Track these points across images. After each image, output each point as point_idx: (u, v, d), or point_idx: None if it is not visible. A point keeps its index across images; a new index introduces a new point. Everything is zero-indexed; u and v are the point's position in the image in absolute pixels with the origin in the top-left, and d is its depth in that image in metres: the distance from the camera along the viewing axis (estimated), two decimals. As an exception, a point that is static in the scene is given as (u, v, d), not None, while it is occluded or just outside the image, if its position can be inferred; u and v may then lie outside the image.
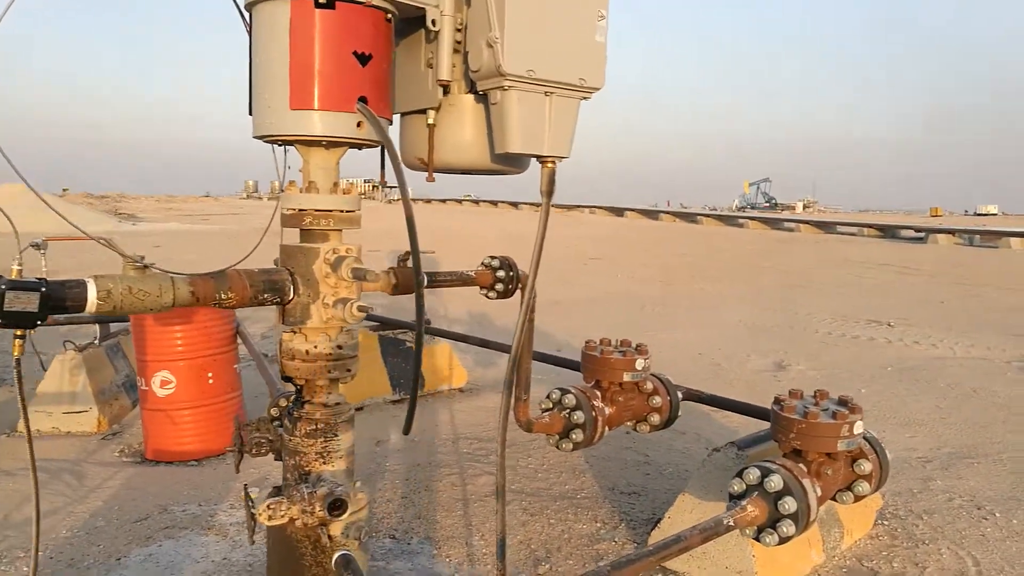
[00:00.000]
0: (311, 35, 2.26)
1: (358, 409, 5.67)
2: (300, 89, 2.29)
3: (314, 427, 2.51)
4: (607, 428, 3.48)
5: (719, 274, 16.35)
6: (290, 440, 2.54)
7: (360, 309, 2.40)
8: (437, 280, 2.85)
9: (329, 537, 2.50)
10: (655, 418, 3.63)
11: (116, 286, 2.10)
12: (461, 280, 2.95)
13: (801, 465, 2.73)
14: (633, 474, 4.53)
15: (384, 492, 4.17)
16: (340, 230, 2.51)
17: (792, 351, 8.30)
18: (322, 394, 2.56)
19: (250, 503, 2.31)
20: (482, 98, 2.53)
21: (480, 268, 3.05)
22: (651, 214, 42.40)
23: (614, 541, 3.63)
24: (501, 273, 3.04)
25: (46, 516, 3.81)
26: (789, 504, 2.55)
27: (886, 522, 3.88)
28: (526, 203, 48.86)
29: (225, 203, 69.40)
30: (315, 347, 2.48)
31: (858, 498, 2.94)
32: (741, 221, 35.45)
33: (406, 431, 2.56)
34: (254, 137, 2.40)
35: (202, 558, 3.38)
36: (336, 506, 2.28)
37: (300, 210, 2.43)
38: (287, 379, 2.56)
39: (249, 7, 2.35)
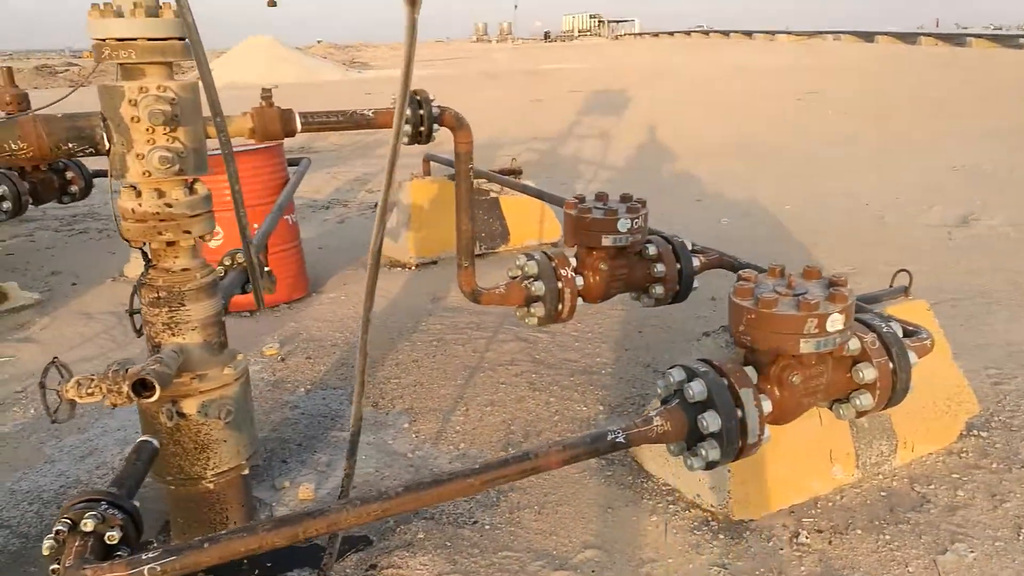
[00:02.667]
0: None
1: (432, 263, 5.43)
2: None
3: (157, 295, 2.24)
4: (584, 300, 2.89)
5: (963, 110, 13.66)
6: (142, 308, 2.31)
7: (162, 160, 2.02)
8: (315, 122, 2.36)
9: (181, 414, 2.29)
10: (658, 289, 2.97)
11: None
12: (352, 122, 2.44)
13: (749, 369, 2.02)
14: (691, 349, 3.88)
15: (400, 354, 3.94)
16: (164, 63, 2.10)
17: (994, 201, 6.71)
18: (167, 259, 2.26)
19: (57, 376, 2.11)
20: None
21: (384, 108, 2.50)
22: (909, 38, 36.57)
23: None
24: (408, 112, 2.47)
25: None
26: (710, 421, 1.90)
27: (984, 434, 2.97)
28: (760, 32, 44.26)
29: (455, 47, 70.59)
30: (140, 205, 2.15)
31: (860, 413, 2.17)
32: None
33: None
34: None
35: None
36: (144, 386, 2.02)
37: (98, 40, 2.04)
38: (127, 241, 2.28)
39: None
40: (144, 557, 1.53)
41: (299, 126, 2.32)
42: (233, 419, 2.36)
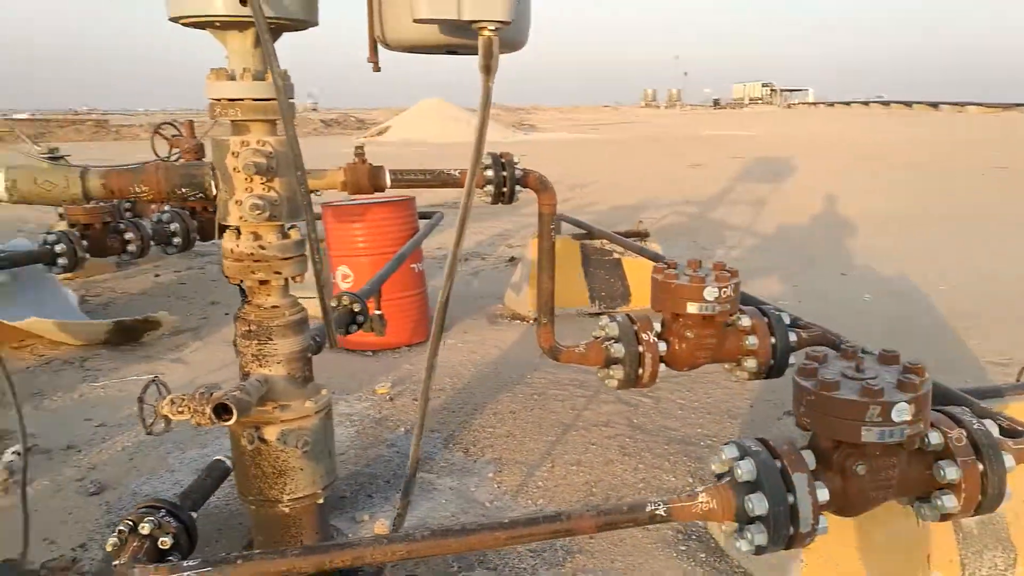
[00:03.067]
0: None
1: (549, 318, 5.47)
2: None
3: (248, 328, 2.43)
4: (668, 366, 2.83)
5: None
6: (237, 339, 2.51)
7: (253, 207, 2.22)
8: (405, 179, 2.50)
9: (262, 440, 2.45)
10: (750, 363, 2.85)
11: (22, 176, 2.23)
12: (439, 180, 2.55)
13: (807, 453, 1.90)
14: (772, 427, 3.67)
15: (500, 404, 3.99)
16: (267, 121, 2.32)
17: None
18: (260, 296, 2.46)
19: (154, 393, 2.33)
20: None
21: (463, 168, 2.60)
22: None
23: (689, 503, 3.00)
24: (490, 173, 2.55)
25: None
26: (757, 503, 1.80)
27: None
28: (948, 103, 41.56)
29: (624, 113, 71.60)
30: (238, 246, 2.37)
31: (944, 516, 1.97)
32: None
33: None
34: (169, 19, 2.28)
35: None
36: (224, 410, 2.18)
37: (213, 100, 2.29)
38: (227, 277, 2.49)
39: None
40: (185, 564, 1.65)
41: (388, 182, 2.47)
42: (311, 449, 2.50)
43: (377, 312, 4.61)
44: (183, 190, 2.34)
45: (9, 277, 5.10)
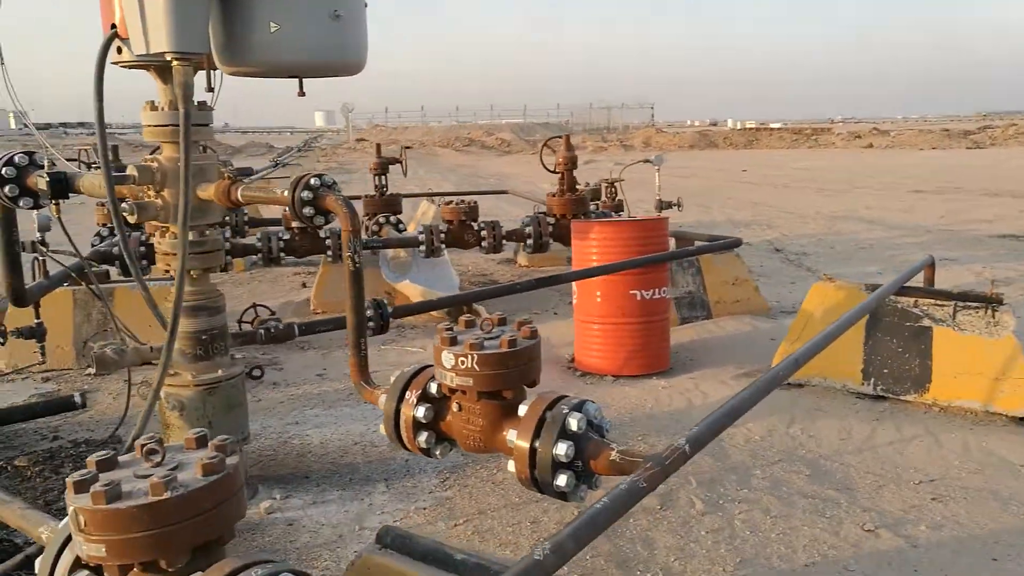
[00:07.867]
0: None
1: (798, 386, 4.28)
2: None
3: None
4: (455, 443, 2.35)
5: None
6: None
7: (126, 208, 2.81)
8: (248, 194, 2.67)
9: (159, 397, 3.07)
10: (511, 465, 2.15)
11: (85, 180, 3.31)
12: (271, 199, 2.61)
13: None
14: None
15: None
16: (169, 143, 2.87)
17: None
18: (191, 283, 3.03)
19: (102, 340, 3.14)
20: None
21: (281, 192, 2.55)
22: None
23: None
24: (306, 194, 2.48)
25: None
26: None
27: None
28: None
29: None
30: (149, 239, 3.01)
31: None
32: None
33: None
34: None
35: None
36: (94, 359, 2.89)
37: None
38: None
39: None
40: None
41: (240, 198, 2.74)
42: (183, 413, 3.02)
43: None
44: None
45: (410, 256, 6.65)
